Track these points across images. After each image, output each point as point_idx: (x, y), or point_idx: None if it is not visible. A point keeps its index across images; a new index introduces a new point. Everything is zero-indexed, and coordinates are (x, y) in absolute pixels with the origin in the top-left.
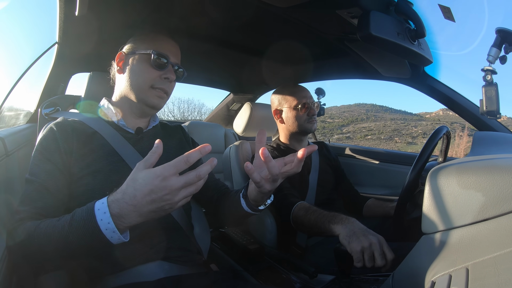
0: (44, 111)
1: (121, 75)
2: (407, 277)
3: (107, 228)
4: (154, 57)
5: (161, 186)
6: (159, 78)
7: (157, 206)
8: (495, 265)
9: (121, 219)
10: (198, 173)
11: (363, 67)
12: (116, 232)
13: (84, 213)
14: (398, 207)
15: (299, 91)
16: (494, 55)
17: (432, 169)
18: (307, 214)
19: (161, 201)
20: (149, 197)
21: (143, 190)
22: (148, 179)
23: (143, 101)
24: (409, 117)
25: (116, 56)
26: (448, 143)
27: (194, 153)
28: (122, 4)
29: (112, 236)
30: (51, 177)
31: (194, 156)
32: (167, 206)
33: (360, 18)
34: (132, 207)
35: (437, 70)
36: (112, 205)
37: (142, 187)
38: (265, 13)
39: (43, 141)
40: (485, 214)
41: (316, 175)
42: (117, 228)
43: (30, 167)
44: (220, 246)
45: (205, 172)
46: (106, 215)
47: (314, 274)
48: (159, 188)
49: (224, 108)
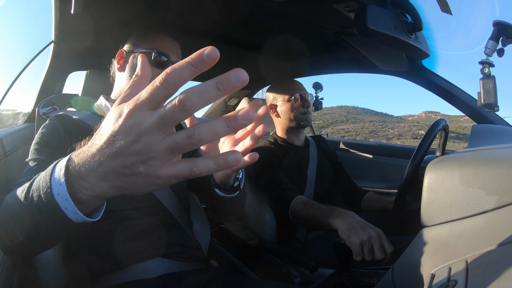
0: (42, 110)
1: (121, 73)
2: (406, 270)
3: (59, 192)
4: (155, 55)
5: (125, 126)
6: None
7: (125, 162)
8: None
9: (79, 180)
10: (190, 132)
11: (361, 61)
12: (70, 202)
13: (45, 170)
14: (397, 200)
15: (291, 84)
16: (492, 48)
17: (430, 162)
18: (305, 208)
19: (128, 155)
20: (112, 147)
21: (103, 135)
22: (111, 119)
23: None
24: (389, 119)
25: (116, 54)
26: (446, 136)
27: (180, 66)
28: (118, 2)
29: (67, 207)
30: (50, 160)
31: (177, 72)
32: (142, 167)
33: (357, 11)
34: (91, 163)
35: (434, 63)
36: (73, 159)
37: (103, 131)
38: (262, 8)
39: (44, 131)
40: (484, 207)
41: (315, 169)
42: (74, 197)
43: (30, 153)
44: (220, 242)
45: (203, 134)
46: (61, 172)
47: (314, 268)
48: (122, 132)
49: (221, 104)
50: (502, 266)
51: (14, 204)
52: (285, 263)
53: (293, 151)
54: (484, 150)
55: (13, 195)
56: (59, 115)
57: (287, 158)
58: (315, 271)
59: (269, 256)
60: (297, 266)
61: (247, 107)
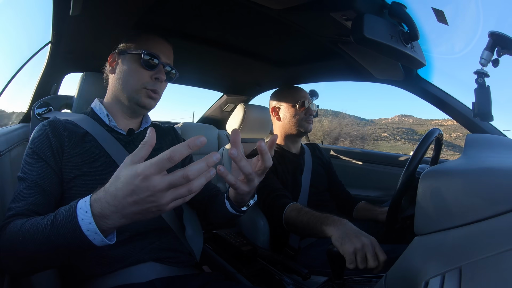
0: (37, 111)
1: (112, 75)
2: (400, 278)
3: (89, 228)
4: (144, 56)
5: (142, 186)
6: (150, 78)
7: (142, 208)
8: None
9: (104, 219)
10: (185, 173)
11: (357, 69)
12: (99, 234)
13: (66, 212)
14: (391, 209)
15: (299, 91)
16: (487, 58)
17: (424, 171)
18: (299, 215)
19: (145, 202)
20: (130, 198)
21: (124, 190)
22: (129, 178)
23: (134, 101)
24: (357, 122)
25: (109, 57)
26: (440, 145)
27: (180, 148)
28: (117, 5)
29: (95, 238)
30: (44, 175)
31: (179, 152)
32: (154, 209)
33: (354, 20)
34: (114, 208)
35: (430, 73)
36: (94, 204)
37: (123, 186)
38: (259, 15)
39: (35, 140)
40: (478, 215)
41: (309, 177)
42: (100, 230)
43: (22, 165)
44: (213, 248)
45: (194, 171)
46: (87, 214)
47: (307, 275)
48: (140, 189)
49: (217, 109)
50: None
51: (35, 240)
52: (278, 270)
53: (289, 158)
54: (478, 160)
55: (28, 231)
56: (50, 121)
57: (282, 165)
58: (308, 278)
59: (262, 262)
60: (290, 273)
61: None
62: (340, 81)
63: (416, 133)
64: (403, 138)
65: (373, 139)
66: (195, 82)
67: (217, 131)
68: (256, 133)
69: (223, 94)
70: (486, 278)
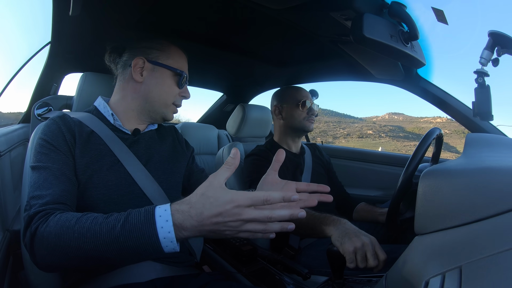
0: (37, 111)
1: (138, 82)
2: (400, 277)
3: (166, 237)
4: (183, 78)
5: (231, 212)
6: (179, 96)
7: (219, 228)
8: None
9: (182, 231)
10: (271, 214)
11: (356, 69)
12: (174, 243)
13: (142, 217)
14: (391, 209)
15: (301, 91)
16: (487, 58)
17: (424, 171)
18: None
19: (224, 226)
20: (215, 219)
21: (212, 210)
22: (221, 201)
23: (161, 114)
24: (346, 120)
25: (134, 60)
26: (440, 145)
27: (277, 196)
28: (117, 5)
29: (168, 245)
30: (65, 164)
31: (274, 199)
32: (228, 232)
33: (354, 20)
34: (196, 223)
35: (430, 72)
36: (176, 215)
37: (212, 207)
38: (258, 14)
39: (47, 132)
40: (478, 215)
41: (309, 177)
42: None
43: (37, 157)
44: (213, 248)
45: (277, 216)
46: (168, 223)
47: (307, 275)
48: (228, 214)
49: (217, 109)
50: (496, 275)
51: (95, 238)
52: (278, 270)
53: (289, 158)
54: (478, 159)
55: (88, 228)
56: (61, 116)
57: (282, 165)
58: (308, 278)
59: (262, 262)
60: (290, 273)
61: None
62: (339, 81)
63: (404, 130)
64: (388, 135)
65: (358, 137)
66: (195, 82)
67: (217, 131)
68: (256, 133)
69: (223, 94)
70: (487, 278)
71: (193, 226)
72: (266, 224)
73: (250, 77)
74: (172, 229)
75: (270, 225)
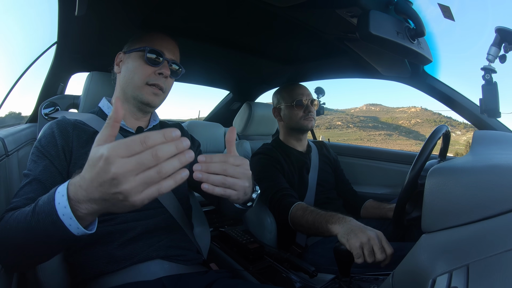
0: (44, 111)
1: (119, 74)
2: (407, 275)
3: (64, 213)
4: (148, 53)
5: (104, 169)
6: (154, 74)
7: (106, 192)
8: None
9: (78, 204)
10: (154, 151)
11: (363, 66)
12: (74, 220)
13: (46, 197)
14: (398, 206)
15: (296, 89)
16: (494, 54)
17: (432, 168)
18: (304, 214)
19: (109, 187)
20: (96, 181)
21: (90, 171)
22: (93, 159)
23: (138, 98)
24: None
25: (116, 57)
26: (447, 142)
27: (155, 134)
28: (122, 4)
29: (71, 224)
30: (46, 172)
31: (153, 137)
32: (121, 197)
33: (360, 17)
34: (85, 192)
35: (436, 69)
36: (70, 187)
37: (88, 167)
38: (264, 12)
39: (41, 138)
40: (486, 213)
41: (316, 175)
42: (76, 216)
43: (28, 163)
44: (220, 246)
45: (164, 150)
46: (63, 198)
47: (314, 273)
48: (103, 171)
49: (223, 107)
50: (503, 273)
51: (19, 228)
52: (285, 267)
53: (295, 156)
54: (486, 156)
55: (15, 219)
56: (58, 121)
57: (288, 163)
58: (315, 276)
59: (268, 260)
60: (297, 271)
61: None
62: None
63: (378, 120)
64: (356, 125)
65: (325, 128)
66: (202, 81)
67: (223, 129)
68: (263, 131)
69: (229, 92)
70: (494, 276)
71: (84, 196)
72: (158, 166)
73: (256, 75)
74: (67, 203)
75: (162, 164)
